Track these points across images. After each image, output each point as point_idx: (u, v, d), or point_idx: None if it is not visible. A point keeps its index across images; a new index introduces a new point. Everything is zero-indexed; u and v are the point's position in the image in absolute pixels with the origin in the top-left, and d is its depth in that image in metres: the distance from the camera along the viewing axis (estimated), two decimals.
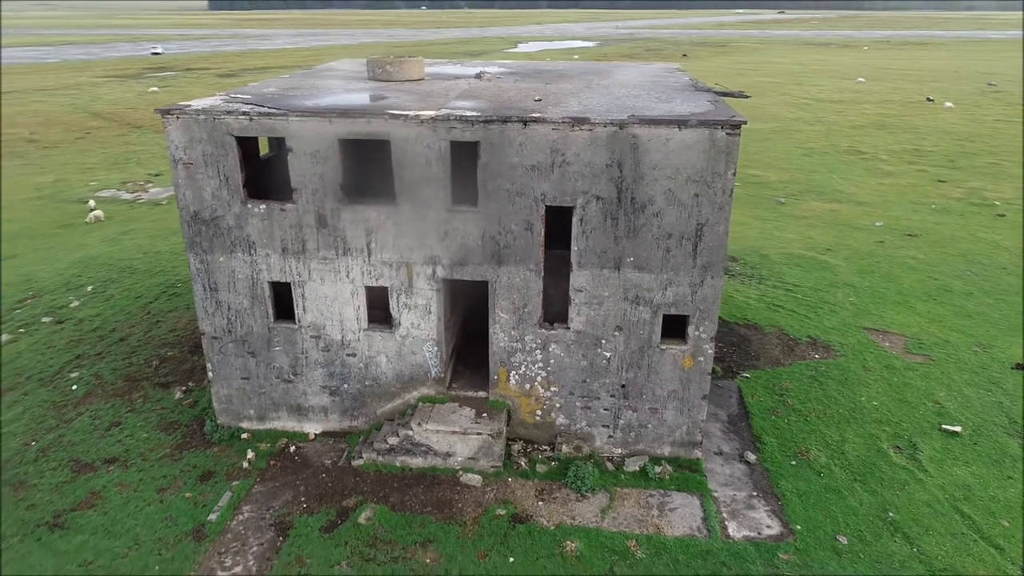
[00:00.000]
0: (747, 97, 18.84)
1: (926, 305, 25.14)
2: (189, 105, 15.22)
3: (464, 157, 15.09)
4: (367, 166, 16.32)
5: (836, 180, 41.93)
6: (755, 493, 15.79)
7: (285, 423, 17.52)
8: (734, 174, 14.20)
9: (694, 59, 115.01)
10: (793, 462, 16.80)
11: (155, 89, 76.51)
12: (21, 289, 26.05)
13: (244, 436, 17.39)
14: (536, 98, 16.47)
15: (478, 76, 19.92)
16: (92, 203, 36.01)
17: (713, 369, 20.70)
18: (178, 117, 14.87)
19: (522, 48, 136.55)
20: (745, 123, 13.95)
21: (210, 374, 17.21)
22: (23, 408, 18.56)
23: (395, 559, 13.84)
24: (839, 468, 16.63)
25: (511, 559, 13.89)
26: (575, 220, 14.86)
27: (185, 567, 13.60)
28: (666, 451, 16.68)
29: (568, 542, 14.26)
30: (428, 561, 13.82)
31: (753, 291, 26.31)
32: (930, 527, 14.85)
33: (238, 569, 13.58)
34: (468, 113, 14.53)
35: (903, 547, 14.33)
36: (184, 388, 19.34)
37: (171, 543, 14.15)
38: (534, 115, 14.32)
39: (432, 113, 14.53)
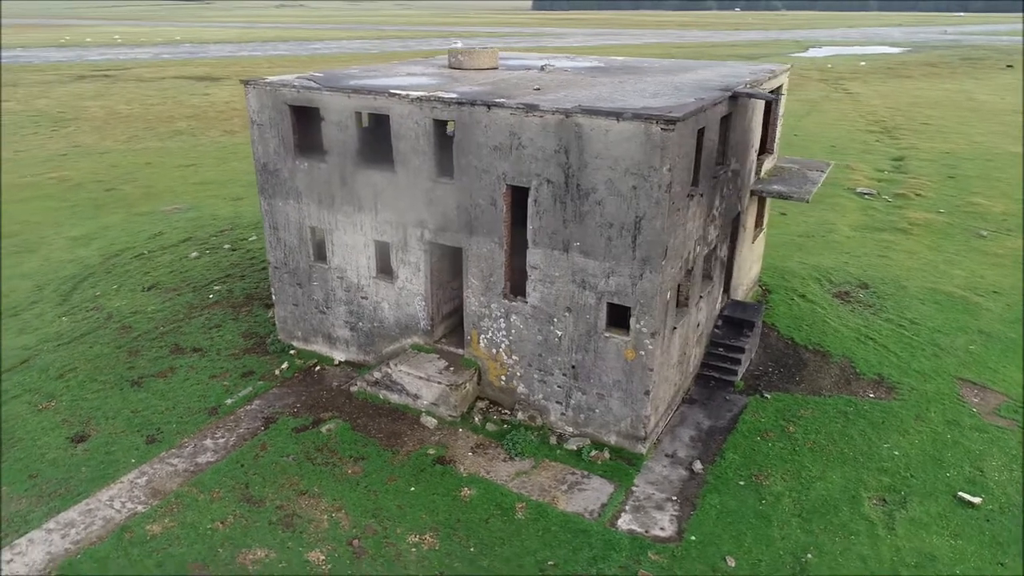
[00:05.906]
0: (773, 98, 17.58)
1: None
2: (263, 78, 19.18)
3: (449, 135, 16.93)
4: (383, 138, 18.88)
5: None
6: (674, 498, 15.47)
7: (321, 347, 21.04)
8: (670, 170, 14.16)
9: (1019, 71, 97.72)
10: (742, 482, 15.95)
11: None
12: (228, 222, 33.44)
13: (292, 352, 21.28)
14: (535, 87, 17.62)
15: (541, 68, 21.33)
16: None
17: (735, 383, 19.88)
18: (253, 87, 18.90)
19: (812, 53, 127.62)
20: (680, 119, 13.84)
21: (273, 297, 21.36)
22: (172, 304, 24.62)
23: (328, 463, 16.48)
24: (790, 500, 15.43)
25: (412, 488, 15.71)
26: (530, 200, 15.92)
27: (190, 430, 17.71)
28: (612, 440, 16.92)
29: (467, 488, 15.63)
30: (350, 472, 16.22)
31: (856, 320, 23.82)
32: None
33: (221, 440, 17.34)
34: (445, 95, 16.38)
35: None
36: None
37: (193, 412, 18.40)
38: (497, 100, 15.69)
39: (419, 93, 16.65)
